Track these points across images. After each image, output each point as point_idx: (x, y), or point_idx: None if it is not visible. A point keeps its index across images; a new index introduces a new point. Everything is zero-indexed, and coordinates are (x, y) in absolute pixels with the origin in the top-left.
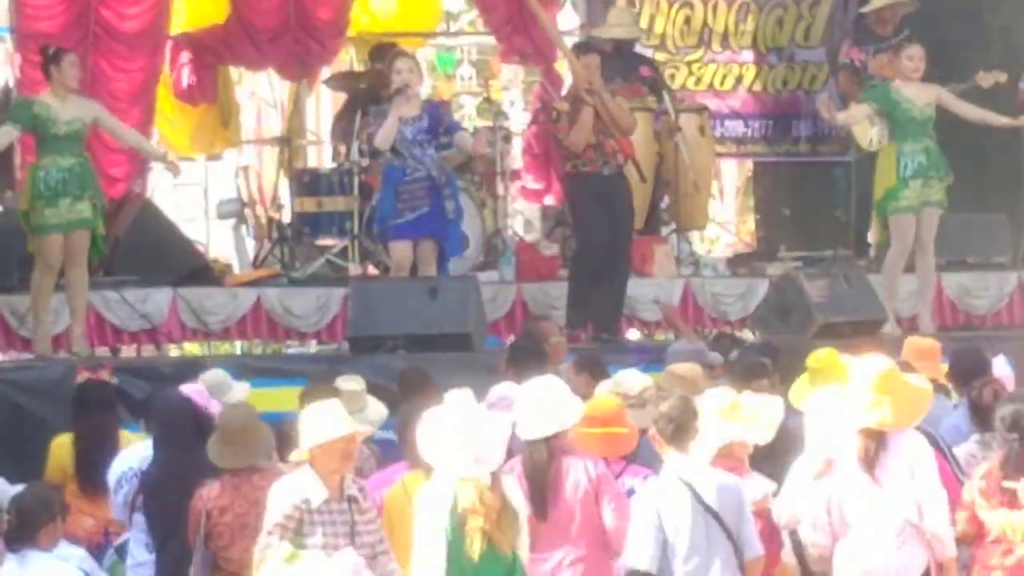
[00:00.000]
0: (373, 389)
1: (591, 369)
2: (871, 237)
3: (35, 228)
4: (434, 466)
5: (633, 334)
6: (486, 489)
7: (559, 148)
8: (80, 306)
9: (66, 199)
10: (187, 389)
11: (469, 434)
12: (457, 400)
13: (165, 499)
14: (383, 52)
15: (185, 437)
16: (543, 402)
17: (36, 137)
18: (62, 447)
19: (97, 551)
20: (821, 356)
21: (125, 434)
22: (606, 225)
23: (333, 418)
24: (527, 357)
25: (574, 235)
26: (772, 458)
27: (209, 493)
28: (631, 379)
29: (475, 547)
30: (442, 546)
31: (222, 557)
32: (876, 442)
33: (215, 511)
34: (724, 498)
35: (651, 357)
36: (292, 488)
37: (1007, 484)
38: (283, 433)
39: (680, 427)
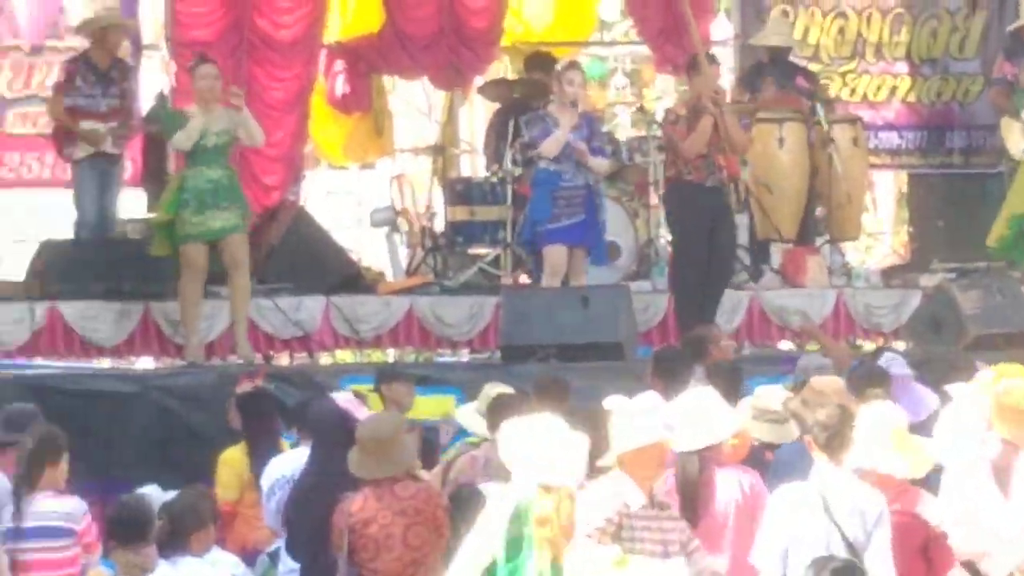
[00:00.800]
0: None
1: (719, 379)
2: (991, 240)
3: (180, 237)
4: (514, 471)
5: (784, 344)
6: (565, 500)
7: (667, 151)
8: (243, 313)
9: (212, 209)
10: (340, 398)
11: (557, 443)
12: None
13: (313, 506)
14: (540, 61)
15: (338, 446)
16: (697, 414)
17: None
18: (234, 460)
19: None
20: (1008, 368)
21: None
22: (703, 235)
23: (646, 424)
24: (672, 366)
25: (672, 242)
26: None
27: (351, 507)
28: (771, 394)
29: (544, 556)
30: (489, 549)
31: (368, 569)
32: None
33: (359, 524)
34: (856, 515)
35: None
36: (610, 493)
37: None
38: (433, 441)
39: (834, 436)
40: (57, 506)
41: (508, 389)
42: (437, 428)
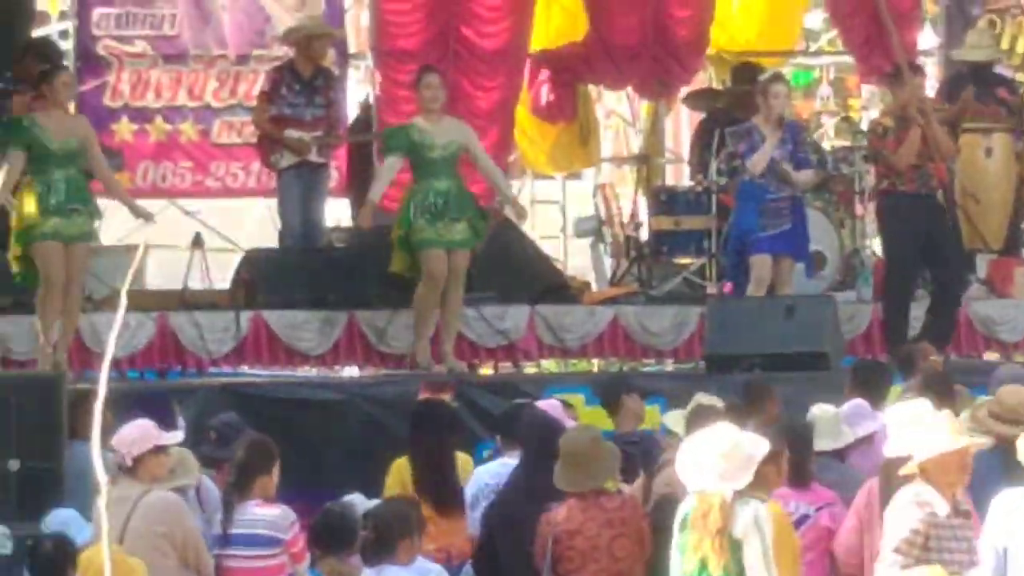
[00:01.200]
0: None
1: (936, 388)
2: None
3: (417, 243)
4: (682, 478)
5: (991, 355)
6: (716, 507)
7: (875, 163)
8: (454, 324)
9: (444, 220)
10: (544, 405)
11: (713, 451)
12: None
13: (519, 514)
14: (747, 73)
15: (546, 454)
16: (909, 423)
17: (412, 161)
18: (402, 467)
19: None
20: None
21: (460, 456)
22: (916, 246)
23: (947, 430)
24: (871, 379)
25: (885, 253)
26: None
27: (556, 517)
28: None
29: (690, 560)
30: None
31: None
32: None
33: (564, 535)
34: None
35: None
36: (915, 503)
37: None
38: (634, 454)
39: None
40: (265, 515)
41: (716, 401)
42: (636, 440)
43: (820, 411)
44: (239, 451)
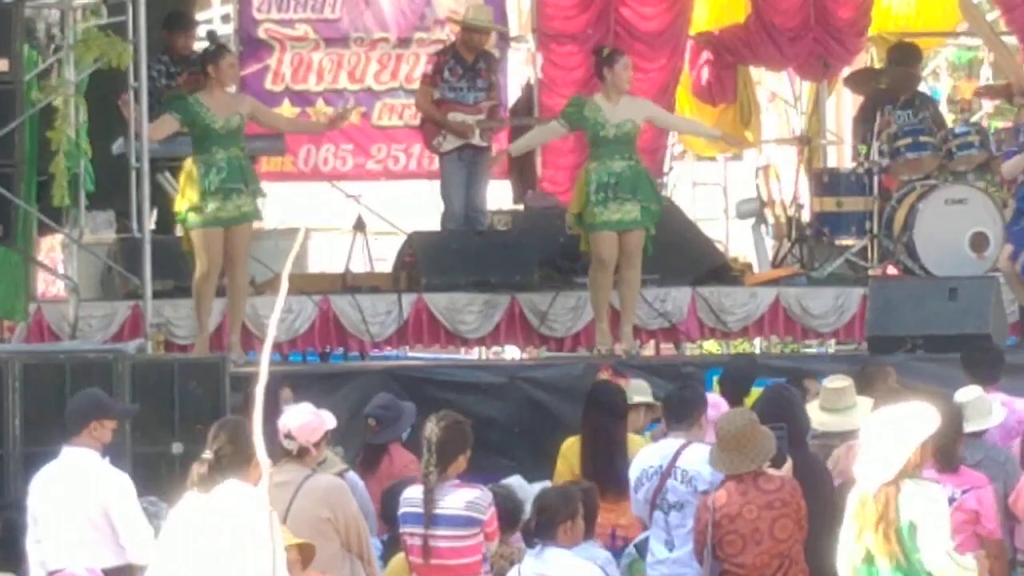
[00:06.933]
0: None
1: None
2: None
3: (588, 225)
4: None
5: None
6: (871, 497)
7: None
8: (629, 305)
9: (615, 201)
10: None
11: (873, 434)
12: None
13: None
14: (903, 52)
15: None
16: None
17: (587, 139)
18: (573, 447)
19: None
20: None
21: (635, 438)
22: None
23: None
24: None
25: None
26: None
27: (715, 502)
28: None
29: (856, 552)
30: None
31: (733, 563)
32: None
33: (724, 519)
34: None
35: None
36: None
37: None
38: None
39: None
40: (467, 496)
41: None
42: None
43: (968, 393)
44: (436, 430)
